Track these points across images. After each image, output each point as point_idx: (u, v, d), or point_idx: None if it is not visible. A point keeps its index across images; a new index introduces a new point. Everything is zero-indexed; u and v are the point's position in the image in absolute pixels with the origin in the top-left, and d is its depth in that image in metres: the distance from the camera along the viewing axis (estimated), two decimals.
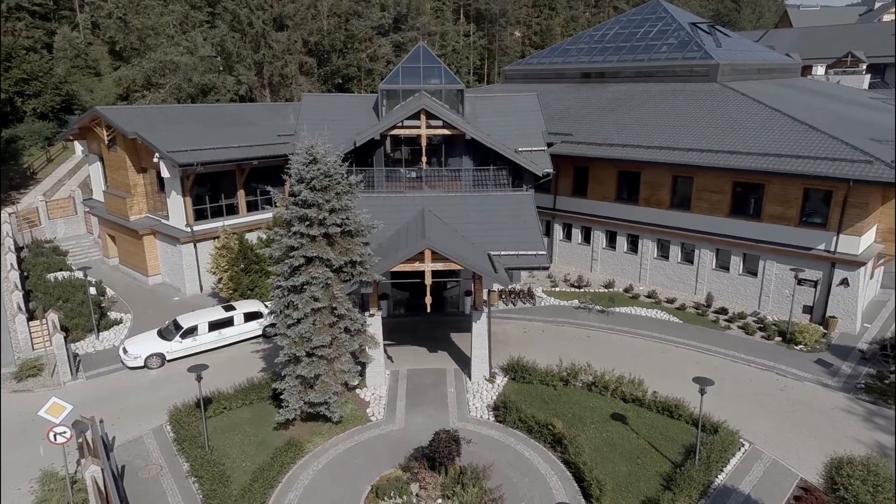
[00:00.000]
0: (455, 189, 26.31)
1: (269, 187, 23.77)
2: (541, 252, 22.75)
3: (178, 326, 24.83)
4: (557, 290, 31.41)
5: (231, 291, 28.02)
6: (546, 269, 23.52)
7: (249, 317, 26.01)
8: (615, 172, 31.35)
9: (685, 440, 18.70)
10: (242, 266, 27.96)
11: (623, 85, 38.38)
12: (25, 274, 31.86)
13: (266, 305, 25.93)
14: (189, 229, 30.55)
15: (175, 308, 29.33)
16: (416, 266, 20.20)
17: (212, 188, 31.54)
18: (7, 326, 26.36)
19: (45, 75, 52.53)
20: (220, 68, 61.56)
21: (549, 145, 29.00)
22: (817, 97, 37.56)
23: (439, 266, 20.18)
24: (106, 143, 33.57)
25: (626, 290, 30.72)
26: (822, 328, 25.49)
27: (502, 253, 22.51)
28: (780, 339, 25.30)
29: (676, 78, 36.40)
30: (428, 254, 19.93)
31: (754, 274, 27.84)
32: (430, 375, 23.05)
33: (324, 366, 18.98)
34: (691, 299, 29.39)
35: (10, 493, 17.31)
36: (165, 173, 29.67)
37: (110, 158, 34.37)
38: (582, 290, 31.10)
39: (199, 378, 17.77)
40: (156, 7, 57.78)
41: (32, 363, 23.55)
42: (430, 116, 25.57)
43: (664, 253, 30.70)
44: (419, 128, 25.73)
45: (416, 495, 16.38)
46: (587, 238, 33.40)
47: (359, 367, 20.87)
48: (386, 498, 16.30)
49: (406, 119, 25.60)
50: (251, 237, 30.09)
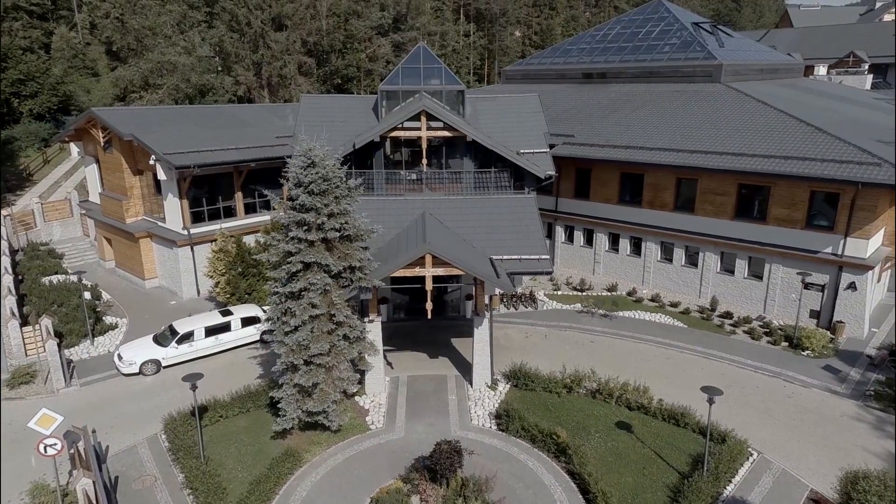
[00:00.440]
0: (456, 192, 25.86)
1: (267, 191, 23.28)
2: (544, 257, 22.32)
3: (174, 332, 24.38)
4: (559, 293, 30.99)
5: (228, 295, 27.64)
6: (549, 273, 23.09)
7: (247, 322, 25.59)
8: (618, 174, 30.92)
9: (692, 449, 18.28)
10: (240, 270, 27.58)
11: (625, 86, 37.94)
12: (20, 278, 31.44)
13: (264, 310, 25.44)
14: (186, 232, 30.14)
15: (172, 312, 28.89)
16: (417, 271, 19.78)
17: (209, 190, 31.13)
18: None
19: (41, 76, 52.01)
20: (219, 69, 61.07)
21: (551, 147, 28.56)
22: (821, 98, 37.14)
23: (440, 271, 19.77)
24: (102, 144, 33.14)
25: (630, 294, 30.30)
26: (829, 333, 25.07)
27: (504, 257, 22.07)
28: (786, 344, 24.88)
29: (679, 78, 35.98)
30: (429, 259, 19.51)
31: (760, 277, 27.42)
32: (430, 382, 22.61)
33: (322, 374, 18.54)
34: (695, 303, 28.97)
35: None
36: (162, 175, 29.27)
37: (106, 160, 33.94)
38: (584, 294, 30.69)
39: (193, 387, 17.34)
40: (153, 7, 57.25)
41: (25, 370, 23.09)
42: (430, 118, 25.14)
43: (668, 256, 30.25)
44: (419, 129, 25.29)
45: None
46: (589, 240, 32.97)
47: (358, 375, 20.44)
48: None
49: (406, 120, 25.16)
50: (249, 240, 29.64)
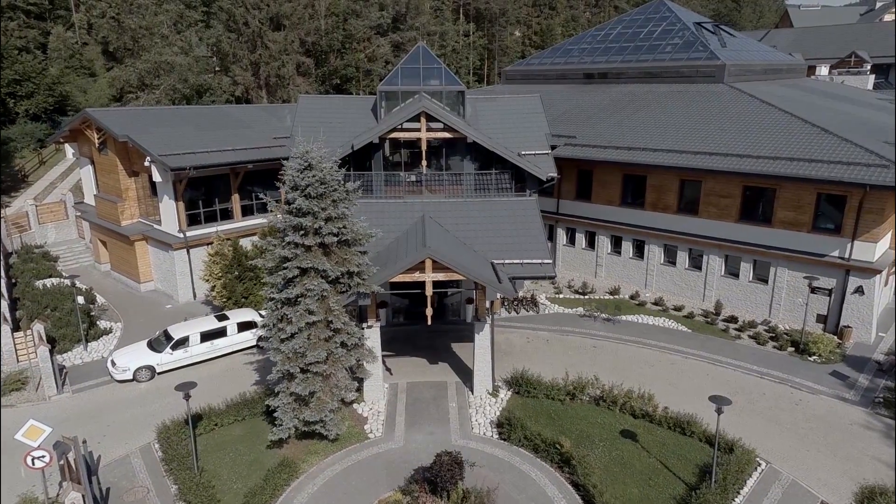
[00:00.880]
0: (456, 194, 25.38)
1: (263, 194, 22.81)
2: (546, 261, 21.86)
3: (168, 337, 23.90)
4: (561, 296, 30.54)
5: (225, 299, 27.15)
6: (552, 278, 22.63)
7: (243, 326, 25.11)
8: (620, 176, 30.47)
9: (699, 459, 17.83)
10: (237, 273, 27.09)
11: (627, 86, 37.49)
12: (14, 281, 30.94)
13: (261, 314, 25.01)
14: (182, 235, 29.66)
15: (167, 316, 28.40)
16: (417, 276, 19.32)
17: (205, 192, 30.62)
18: None
19: (38, 76, 51.48)
20: (216, 69, 60.62)
21: (553, 148, 28.10)
22: (826, 98, 36.71)
23: (441, 276, 19.31)
24: (97, 145, 32.66)
25: (632, 297, 29.84)
26: (836, 338, 24.64)
27: (506, 261, 21.61)
28: (792, 349, 24.43)
29: (682, 79, 35.55)
30: (429, 263, 19.05)
31: (765, 281, 26.97)
32: (430, 389, 22.14)
33: (319, 382, 18.08)
34: (699, 307, 28.52)
35: None
36: (157, 177, 28.80)
37: (101, 162, 33.47)
38: (586, 297, 30.23)
39: (187, 396, 16.86)
40: (150, 6, 56.79)
41: (16, 377, 22.60)
42: (430, 119, 24.67)
43: (671, 259, 29.81)
44: (419, 130, 24.83)
45: None
46: (591, 243, 32.51)
47: (356, 383, 19.97)
48: None
49: (406, 121, 24.68)
50: (246, 243, 29.14)
